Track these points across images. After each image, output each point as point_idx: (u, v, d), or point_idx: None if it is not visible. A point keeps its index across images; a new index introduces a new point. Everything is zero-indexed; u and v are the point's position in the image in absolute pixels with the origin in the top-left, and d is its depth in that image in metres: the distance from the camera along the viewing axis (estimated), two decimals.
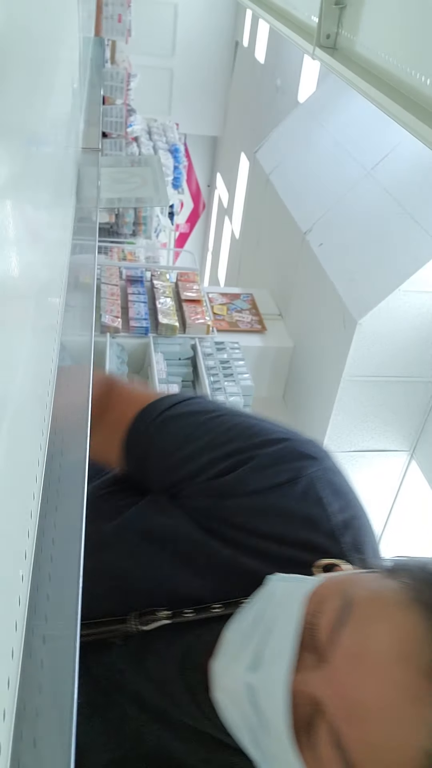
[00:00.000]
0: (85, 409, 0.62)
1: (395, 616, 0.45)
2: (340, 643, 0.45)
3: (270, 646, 0.48)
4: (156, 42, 7.78)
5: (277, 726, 0.46)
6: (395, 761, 0.42)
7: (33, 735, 0.37)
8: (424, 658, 0.42)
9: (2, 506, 0.34)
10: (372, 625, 0.45)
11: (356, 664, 0.44)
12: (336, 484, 0.66)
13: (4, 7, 0.40)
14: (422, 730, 0.41)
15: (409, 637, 0.43)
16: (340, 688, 0.44)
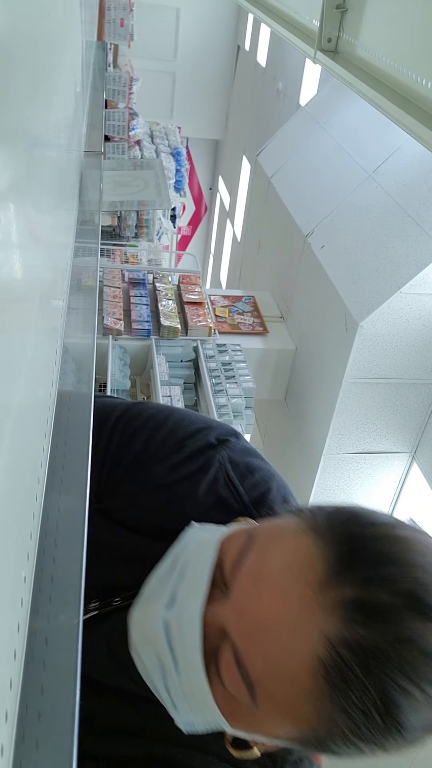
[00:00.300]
0: (87, 410, 0.62)
1: (290, 541, 0.48)
2: (240, 570, 0.48)
3: (184, 585, 0.51)
4: (158, 46, 7.81)
5: (191, 658, 0.49)
6: (291, 671, 0.44)
7: (35, 736, 0.37)
8: (313, 571, 0.45)
9: (5, 508, 0.34)
10: (269, 551, 0.48)
11: (253, 584, 0.47)
12: (244, 464, 0.70)
13: (7, 12, 0.40)
14: (314, 637, 0.43)
15: (301, 556, 0.46)
16: (239, 608, 0.47)
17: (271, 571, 0.47)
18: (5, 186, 0.38)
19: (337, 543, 0.46)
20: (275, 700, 0.46)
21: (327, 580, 0.44)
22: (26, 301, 0.45)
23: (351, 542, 0.46)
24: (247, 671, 0.46)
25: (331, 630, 0.43)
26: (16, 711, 0.36)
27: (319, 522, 0.49)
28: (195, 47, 7.99)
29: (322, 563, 0.45)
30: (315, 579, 0.44)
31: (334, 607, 0.43)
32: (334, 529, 0.47)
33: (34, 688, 0.39)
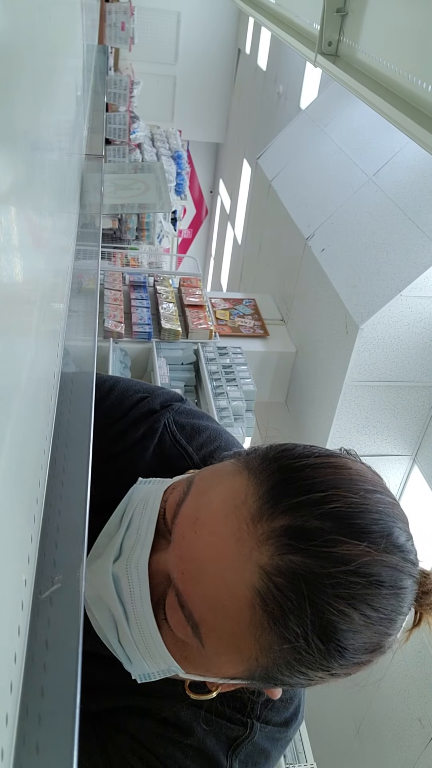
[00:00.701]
0: (89, 412, 0.62)
1: (226, 481, 0.49)
2: (179, 515, 0.49)
3: (130, 537, 0.52)
4: (159, 49, 7.83)
5: (140, 607, 0.50)
6: (231, 605, 0.45)
7: (36, 739, 0.37)
8: (246, 507, 0.46)
9: (6, 512, 0.34)
10: (206, 493, 0.49)
11: (191, 526, 0.48)
12: (191, 425, 0.71)
13: (9, 16, 0.40)
14: (249, 569, 0.44)
15: (235, 494, 0.47)
16: (178, 551, 0.48)
17: (208, 512, 0.47)
18: (6, 189, 0.38)
19: (269, 476, 0.47)
20: (220, 637, 0.47)
21: (259, 513, 0.45)
22: (27, 304, 0.45)
23: (281, 473, 0.47)
24: (191, 612, 0.47)
25: (265, 560, 0.44)
26: (16, 714, 0.36)
27: (253, 461, 0.50)
28: (196, 51, 8.01)
29: (254, 498, 0.46)
30: (248, 514, 0.45)
31: (267, 537, 0.44)
32: (266, 464, 0.49)
33: (35, 691, 0.39)
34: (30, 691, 0.38)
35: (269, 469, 0.48)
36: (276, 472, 0.47)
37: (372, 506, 0.46)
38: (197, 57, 8.07)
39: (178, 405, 0.73)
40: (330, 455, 0.50)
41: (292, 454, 0.50)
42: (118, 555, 0.52)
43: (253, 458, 0.50)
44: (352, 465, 0.50)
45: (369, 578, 0.43)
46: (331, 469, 0.48)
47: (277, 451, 0.50)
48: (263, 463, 0.49)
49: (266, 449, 0.51)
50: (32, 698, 0.38)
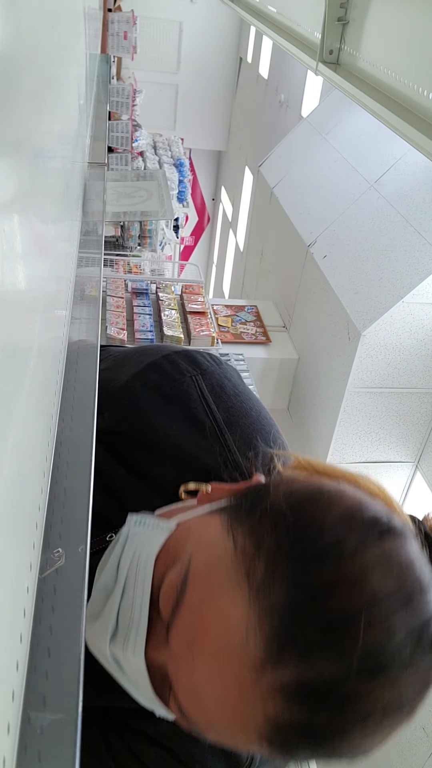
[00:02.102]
0: (91, 418, 0.62)
1: (222, 600, 0.43)
2: (176, 626, 0.45)
3: (126, 615, 0.49)
4: (161, 58, 7.88)
5: (143, 688, 0.48)
6: (235, 733, 0.43)
7: (38, 748, 0.37)
8: (248, 651, 0.41)
9: (8, 518, 0.34)
10: (202, 610, 0.44)
11: (189, 653, 0.44)
12: (221, 387, 0.67)
13: (12, 26, 0.41)
14: (256, 719, 0.41)
15: (235, 627, 0.42)
16: (179, 673, 0.45)
17: (204, 641, 0.43)
18: (10, 197, 0.38)
19: (273, 610, 0.41)
20: (219, 740, 0.46)
21: (263, 662, 0.40)
22: (30, 311, 0.45)
23: (288, 609, 0.40)
24: (192, 721, 0.45)
25: (271, 713, 0.40)
26: (18, 722, 0.36)
27: (258, 567, 0.43)
28: (198, 59, 8.06)
29: (256, 640, 0.40)
30: (250, 660, 0.40)
31: (273, 692, 0.40)
32: (271, 583, 0.41)
33: (37, 699, 0.39)
34: (32, 699, 0.38)
35: (273, 597, 0.41)
36: (281, 605, 0.41)
37: (398, 630, 0.40)
38: (199, 66, 8.12)
39: (213, 366, 0.69)
40: (345, 555, 0.42)
41: (304, 566, 0.41)
42: (115, 630, 0.49)
43: (256, 558, 0.43)
44: (373, 561, 0.42)
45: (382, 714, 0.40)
46: (346, 588, 0.40)
47: (284, 553, 0.42)
48: (267, 580, 0.42)
49: (273, 533, 0.44)
50: (34, 706, 0.38)
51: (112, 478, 0.64)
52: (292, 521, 0.44)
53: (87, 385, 0.69)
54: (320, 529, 0.43)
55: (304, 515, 0.44)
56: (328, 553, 0.42)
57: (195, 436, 0.63)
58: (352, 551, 0.42)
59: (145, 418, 0.65)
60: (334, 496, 0.46)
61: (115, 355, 0.80)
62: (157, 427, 0.65)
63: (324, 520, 0.43)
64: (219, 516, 0.49)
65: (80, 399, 0.67)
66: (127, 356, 0.76)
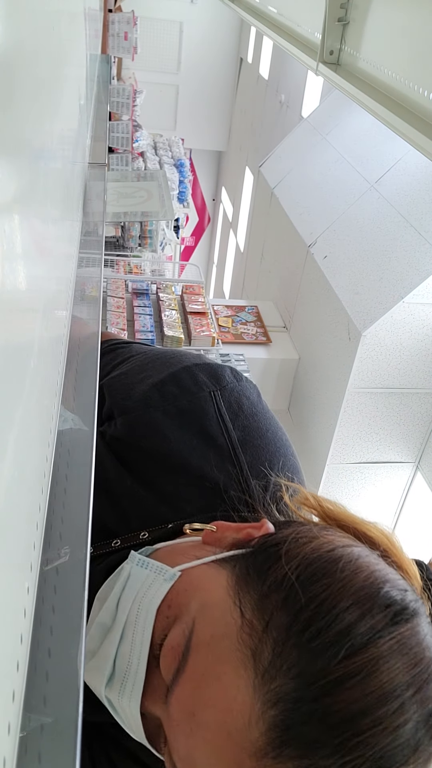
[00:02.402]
0: (92, 419, 0.62)
1: (226, 679, 0.42)
2: (177, 694, 0.43)
3: (124, 662, 0.47)
4: (161, 59, 7.89)
5: (137, 733, 0.47)
6: None
7: (38, 749, 0.37)
8: (248, 738, 0.39)
9: (8, 518, 0.34)
10: (204, 685, 0.42)
11: (188, 726, 0.42)
12: (239, 405, 0.67)
13: (13, 26, 0.41)
14: None
15: (237, 711, 0.40)
16: (176, 740, 0.44)
17: (205, 718, 0.41)
18: (10, 197, 0.38)
19: (279, 698, 0.39)
20: None
21: (263, 752, 0.39)
22: (30, 312, 0.45)
23: (294, 700, 0.39)
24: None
25: None
26: (18, 723, 0.36)
27: (265, 650, 0.41)
28: (198, 60, 8.06)
29: (260, 729, 0.39)
30: (250, 748, 0.39)
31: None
32: (278, 669, 0.40)
33: (37, 699, 0.39)
34: (32, 699, 0.38)
35: (279, 685, 0.40)
36: (287, 695, 0.39)
37: (403, 727, 0.38)
38: (200, 66, 8.12)
39: (231, 381, 0.68)
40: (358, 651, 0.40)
41: (313, 658, 0.40)
42: (111, 674, 0.48)
43: (264, 637, 0.42)
44: (384, 659, 0.40)
45: None
46: (357, 688, 0.39)
47: (294, 641, 0.41)
48: (274, 665, 0.40)
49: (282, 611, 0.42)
50: (35, 707, 0.38)
51: (118, 486, 0.64)
52: (303, 602, 0.42)
53: (88, 386, 0.69)
54: (332, 616, 0.41)
55: (316, 595, 0.42)
56: (338, 644, 0.40)
57: (207, 452, 0.63)
58: (364, 642, 0.40)
59: (158, 430, 0.65)
60: (348, 571, 0.44)
61: (137, 357, 0.78)
62: (169, 440, 0.64)
63: (336, 604, 0.42)
64: (225, 572, 0.48)
65: (81, 399, 0.67)
66: (149, 362, 0.74)
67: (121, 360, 0.80)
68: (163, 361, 0.73)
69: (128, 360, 0.78)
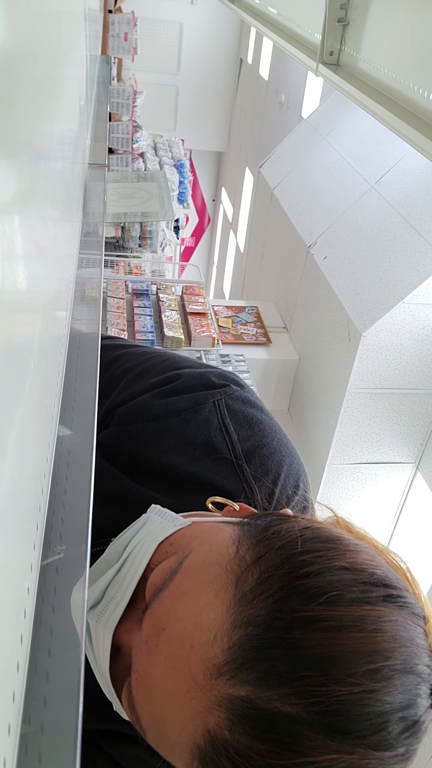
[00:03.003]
0: (91, 421, 0.62)
1: (204, 596, 0.41)
2: (153, 610, 0.43)
3: (114, 587, 0.47)
4: (161, 60, 7.89)
5: (102, 667, 0.46)
6: (173, 742, 0.40)
7: (38, 749, 0.37)
8: (209, 653, 0.38)
9: (9, 519, 0.34)
10: (182, 599, 0.42)
11: (156, 636, 0.42)
12: (243, 414, 0.65)
13: (13, 27, 0.41)
14: (195, 724, 0.38)
15: (207, 625, 0.40)
16: (138, 652, 0.43)
17: (173, 630, 0.41)
18: (10, 198, 0.38)
19: (250, 621, 0.38)
20: (161, 750, 0.43)
21: (219, 669, 0.38)
22: (31, 312, 0.45)
23: (265, 626, 0.38)
24: (139, 718, 0.43)
25: (213, 725, 0.37)
26: (18, 724, 0.36)
27: (250, 576, 0.41)
28: (198, 61, 8.07)
29: (222, 645, 0.38)
30: (207, 663, 0.38)
31: (220, 702, 0.37)
32: (257, 595, 0.40)
33: (37, 700, 0.39)
34: (32, 700, 0.38)
35: (254, 609, 0.39)
36: (259, 619, 0.38)
37: (366, 696, 0.36)
38: (199, 67, 8.13)
39: (235, 390, 0.67)
40: (341, 603, 0.39)
41: (293, 591, 0.39)
42: (99, 600, 0.47)
43: (252, 567, 0.41)
44: (369, 622, 0.38)
45: None
46: (331, 633, 0.37)
47: (281, 574, 0.40)
48: (254, 591, 0.40)
49: (276, 554, 0.42)
50: (35, 707, 0.38)
51: (122, 495, 0.63)
52: (299, 551, 0.42)
53: (87, 387, 0.69)
54: (326, 568, 0.41)
55: (314, 550, 0.42)
56: (324, 593, 0.39)
57: (209, 462, 0.62)
58: (350, 600, 0.39)
59: (161, 440, 0.64)
60: (352, 548, 0.43)
61: (135, 362, 0.76)
62: (172, 450, 0.63)
63: (332, 563, 0.41)
64: (233, 527, 0.48)
65: (80, 400, 0.67)
66: (151, 367, 0.72)
67: (122, 362, 0.79)
68: (164, 366, 0.71)
69: (131, 369, 0.76)
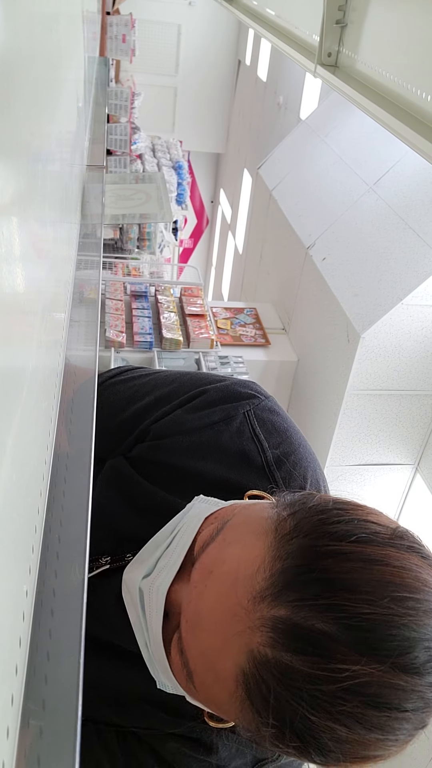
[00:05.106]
0: (90, 422, 0.62)
1: (248, 541, 0.47)
2: (201, 559, 0.49)
3: (165, 557, 0.52)
4: (160, 61, 7.89)
5: (155, 631, 0.51)
6: (220, 671, 0.44)
7: (37, 752, 0.37)
8: (252, 582, 0.43)
9: (8, 522, 0.34)
10: (228, 546, 0.48)
11: (204, 579, 0.47)
12: (272, 423, 0.69)
13: (11, 29, 0.41)
14: (239, 647, 0.43)
15: (248, 562, 0.45)
16: (188, 598, 0.48)
17: (220, 570, 0.46)
18: (8, 199, 0.38)
19: (288, 554, 0.44)
20: (208, 693, 0.47)
21: (262, 594, 0.42)
22: (28, 314, 0.45)
23: (300, 557, 0.43)
24: (187, 660, 0.47)
25: (256, 645, 0.42)
26: (17, 727, 0.35)
27: (287, 522, 0.46)
28: (196, 62, 8.07)
29: (264, 575, 0.43)
30: (252, 590, 0.43)
31: (263, 623, 0.42)
32: (293, 536, 0.45)
33: (36, 703, 0.39)
34: (31, 703, 0.38)
35: (292, 545, 0.44)
36: (297, 551, 0.44)
37: (393, 619, 0.40)
38: (198, 68, 8.13)
39: (262, 400, 0.71)
40: (370, 543, 0.44)
41: (327, 531, 0.44)
42: (151, 571, 0.52)
43: (289, 520, 0.47)
44: (395, 560, 0.43)
45: (362, 698, 0.39)
46: (361, 563, 0.42)
47: (314, 521, 0.46)
48: (292, 533, 0.45)
49: (310, 509, 0.47)
50: (33, 711, 0.38)
51: (157, 505, 0.66)
52: (331, 507, 0.47)
53: (87, 387, 0.69)
54: (355, 519, 0.46)
55: (344, 507, 0.47)
56: (353, 534, 0.44)
57: (242, 469, 0.66)
58: (377, 542, 0.43)
59: (196, 451, 0.67)
60: (376, 512, 0.49)
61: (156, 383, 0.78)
62: (207, 460, 0.67)
63: (361, 516, 0.46)
64: (270, 503, 0.53)
65: (80, 400, 0.67)
66: (178, 387, 0.75)
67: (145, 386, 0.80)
68: (191, 383, 0.75)
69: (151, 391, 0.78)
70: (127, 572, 0.56)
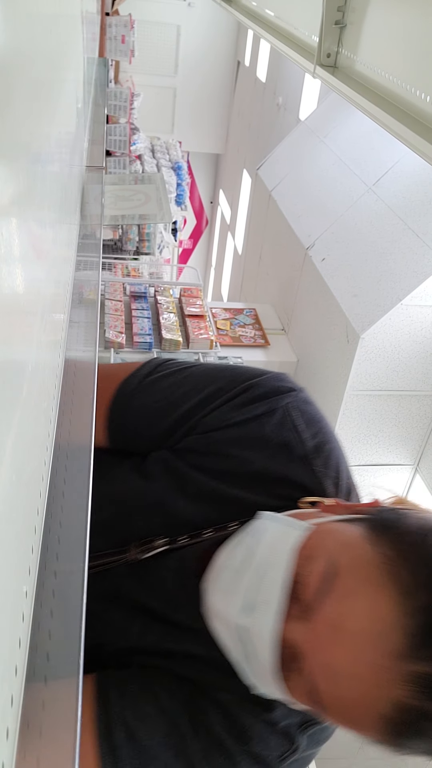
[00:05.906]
0: (90, 422, 0.62)
1: (371, 596, 0.49)
2: (322, 610, 0.50)
3: (262, 593, 0.53)
4: (159, 62, 7.90)
5: (265, 662, 0.53)
6: (361, 719, 0.49)
7: (36, 754, 0.37)
8: (390, 640, 0.46)
9: (7, 523, 0.34)
10: (351, 600, 0.49)
11: (334, 635, 0.49)
12: (308, 414, 0.74)
13: (10, 30, 0.41)
14: (385, 701, 0.46)
15: (381, 618, 0.47)
16: (319, 651, 0.50)
17: (351, 628, 0.48)
18: (7, 201, 0.38)
19: (418, 610, 0.47)
20: (343, 723, 0.51)
21: (403, 652, 0.46)
22: (28, 315, 0.45)
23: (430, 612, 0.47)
24: (321, 699, 0.50)
25: (400, 698, 0.46)
26: (17, 728, 0.35)
27: (404, 573, 0.49)
28: (195, 63, 8.08)
29: (400, 633, 0.46)
30: (392, 648, 0.46)
31: (407, 679, 0.45)
32: (419, 589, 0.48)
33: (36, 704, 0.39)
34: (31, 704, 0.38)
35: (420, 599, 0.48)
36: (424, 609, 0.47)
37: None
38: (197, 69, 8.13)
39: (299, 393, 0.75)
40: None
41: None
42: (246, 607, 0.54)
43: (404, 567, 0.50)
44: None
45: None
46: None
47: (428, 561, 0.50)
48: (415, 585, 0.48)
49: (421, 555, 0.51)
50: (33, 711, 0.38)
51: (207, 493, 0.69)
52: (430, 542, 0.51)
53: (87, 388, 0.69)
54: None
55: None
56: None
57: (283, 458, 0.69)
58: None
59: (241, 442, 0.71)
60: None
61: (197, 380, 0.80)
62: (251, 449, 0.70)
63: None
64: (355, 525, 0.55)
65: (78, 407, 0.67)
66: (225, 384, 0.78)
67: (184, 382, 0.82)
68: (235, 379, 0.78)
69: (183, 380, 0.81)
70: (214, 600, 0.57)
